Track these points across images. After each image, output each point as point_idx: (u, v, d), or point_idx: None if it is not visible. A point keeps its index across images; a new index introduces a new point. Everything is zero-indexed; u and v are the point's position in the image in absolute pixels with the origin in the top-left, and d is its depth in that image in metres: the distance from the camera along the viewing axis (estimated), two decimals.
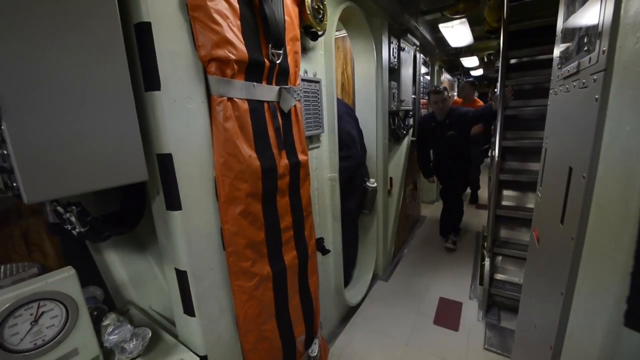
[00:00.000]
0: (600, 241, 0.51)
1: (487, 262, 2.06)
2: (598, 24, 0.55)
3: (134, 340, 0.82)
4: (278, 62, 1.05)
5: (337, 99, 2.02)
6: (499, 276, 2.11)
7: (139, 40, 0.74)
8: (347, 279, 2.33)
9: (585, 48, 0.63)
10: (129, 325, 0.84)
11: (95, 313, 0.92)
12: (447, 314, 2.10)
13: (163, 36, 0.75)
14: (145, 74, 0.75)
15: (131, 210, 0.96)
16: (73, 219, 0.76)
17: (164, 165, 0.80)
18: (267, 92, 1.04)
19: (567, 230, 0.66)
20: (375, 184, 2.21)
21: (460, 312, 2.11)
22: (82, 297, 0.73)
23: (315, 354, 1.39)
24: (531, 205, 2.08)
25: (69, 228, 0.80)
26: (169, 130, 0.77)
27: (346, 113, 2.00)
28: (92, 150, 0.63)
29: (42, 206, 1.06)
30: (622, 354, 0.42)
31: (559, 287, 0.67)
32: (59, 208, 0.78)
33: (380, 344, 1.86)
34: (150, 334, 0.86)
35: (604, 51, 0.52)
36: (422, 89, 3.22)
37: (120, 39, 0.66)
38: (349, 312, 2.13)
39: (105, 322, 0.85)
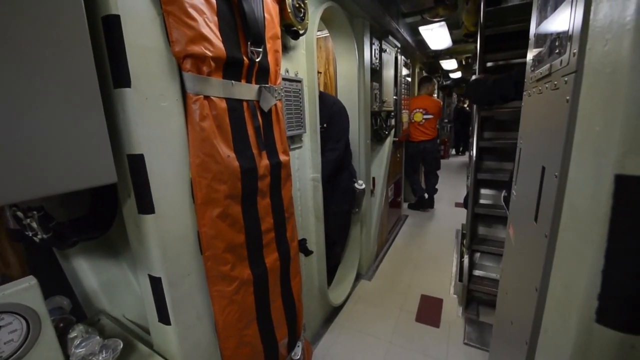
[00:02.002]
0: (572, 239, 0.53)
1: (466, 259, 2.11)
2: (568, 28, 0.57)
3: (104, 352, 0.77)
4: (258, 60, 1.02)
5: (335, 97, 2.07)
6: (477, 272, 2.16)
7: (107, 34, 0.70)
8: (332, 279, 2.33)
9: (557, 51, 0.65)
10: (98, 337, 0.79)
11: (62, 325, 0.86)
12: (429, 311, 2.13)
13: (133, 30, 0.71)
14: (114, 69, 0.71)
15: (102, 214, 0.90)
16: (34, 224, 0.71)
17: (135, 166, 0.75)
18: (246, 90, 1.01)
19: (540, 228, 0.68)
20: (363, 185, 2.22)
21: (441, 309, 2.15)
22: (45, 309, 0.67)
23: (298, 356, 1.38)
24: None
25: (30, 234, 0.75)
26: (141, 130, 0.73)
27: (345, 109, 2.08)
28: (52, 151, 0.58)
29: (1, 211, 0.99)
30: (595, 350, 0.44)
31: (533, 283, 0.69)
32: (18, 213, 0.73)
33: (364, 343, 1.87)
34: (121, 345, 0.81)
35: (574, 54, 0.53)
36: (403, 90, 3.26)
37: (86, 32, 0.61)
38: (333, 313, 2.12)
39: (72, 335, 0.80)
